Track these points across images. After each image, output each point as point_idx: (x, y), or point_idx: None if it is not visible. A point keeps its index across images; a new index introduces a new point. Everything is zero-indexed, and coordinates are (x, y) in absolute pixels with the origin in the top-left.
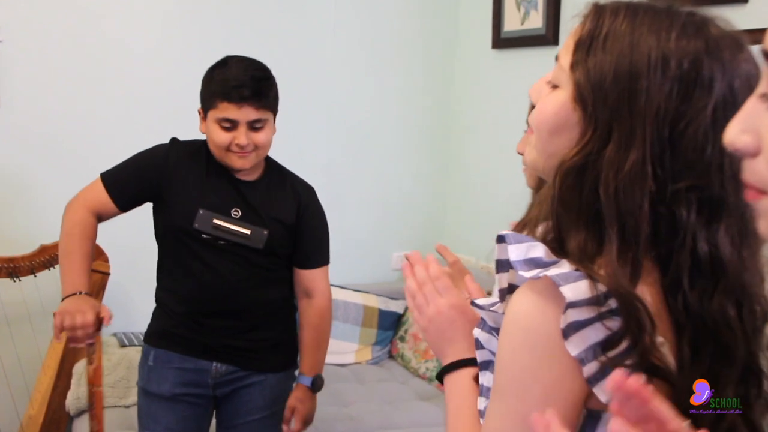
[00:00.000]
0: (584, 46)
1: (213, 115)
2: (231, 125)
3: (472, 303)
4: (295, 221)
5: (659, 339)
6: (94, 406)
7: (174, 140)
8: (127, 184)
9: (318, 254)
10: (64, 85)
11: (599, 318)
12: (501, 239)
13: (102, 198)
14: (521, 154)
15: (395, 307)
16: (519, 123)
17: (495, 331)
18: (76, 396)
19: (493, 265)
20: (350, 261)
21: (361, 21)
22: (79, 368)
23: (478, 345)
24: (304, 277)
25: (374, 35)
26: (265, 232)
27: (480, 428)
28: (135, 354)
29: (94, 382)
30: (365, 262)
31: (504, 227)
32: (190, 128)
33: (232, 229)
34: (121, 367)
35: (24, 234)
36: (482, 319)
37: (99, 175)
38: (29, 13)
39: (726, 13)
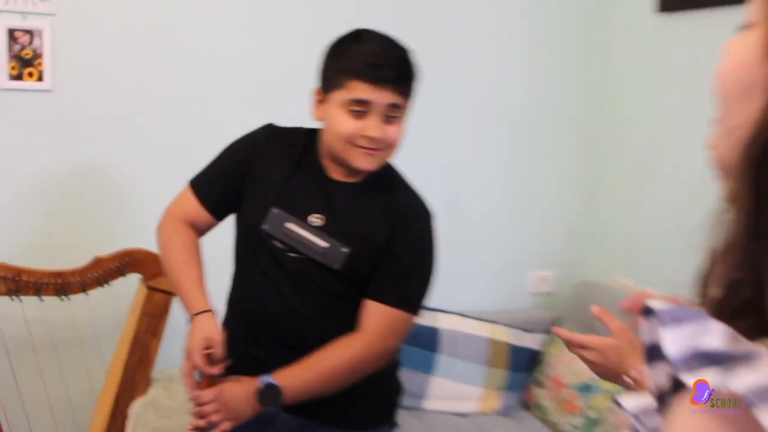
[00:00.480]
0: None
1: (339, 96)
2: (363, 110)
3: (616, 402)
4: (385, 242)
5: None
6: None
7: (269, 126)
8: (215, 184)
9: (393, 289)
10: (129, 66)
11: None
12: (649, 312)
13: (192, 206)
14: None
15: (531, 342)
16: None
17: None
18: None
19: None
20: (474, 283)
21: None
22: (136, 408)
23: None
24: (366, 310)
25: (508, 6)
26: (345, 250)
27: None
28: None
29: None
30: (494, 284)
31: (674, 246)
32: (281, 117)
33: (306, 239)
34: (185, 409)
35: (76, 244)
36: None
37: (188, 182)
38: None
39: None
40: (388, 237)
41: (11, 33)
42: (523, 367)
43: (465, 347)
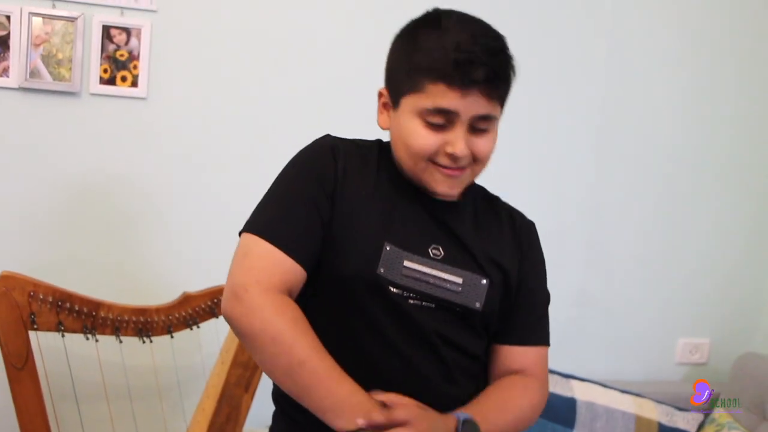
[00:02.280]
0: None
1: (414, 103)
2: (445, 121)
3: None
4: (518, 273)
5: None
6: None
7: (331, 138)
8: (305, 228)
9: (540, 326)
10: (231, 77)
11: None
12: None
13: (285, 266)
14: None
15: (684, 422)
16: None
17: None
18: None
19: None
20: (612, 348)
21: None
22: None
23: None
24: (518, 357)
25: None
26: (484, 282)
27: None
28: None
29: None
30: (637, 350)
31: None
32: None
33: (433, 276)
34: None
35: (161, 278)
36: None
37: (246, 234)
38: None
39: None
40: (518, 264)
41: (106, 31)
42: None
43: (605, 424)
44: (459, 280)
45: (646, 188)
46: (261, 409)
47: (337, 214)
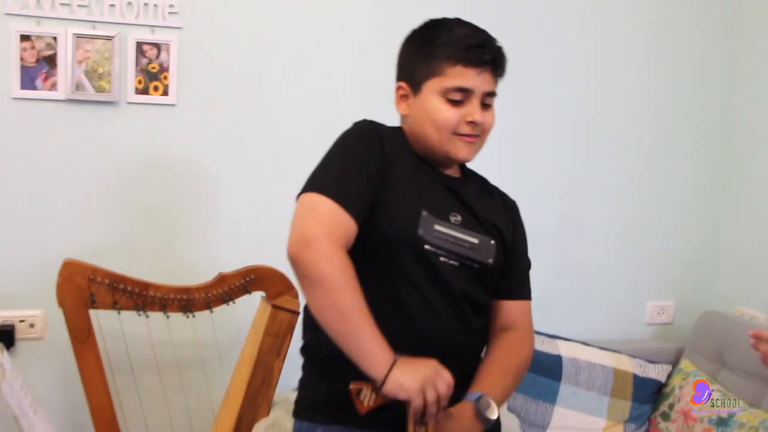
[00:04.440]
0: None
1: (436, 85)
2: (463, 97)
3: None
4: (512, 238)
5: None
6: None
7: (373, 123)
8: (361, 190)
9: (526, 283)
10: (250, 84)
11: None
12: None
13: (346, 225)
14: None
15: (655, 373)
16: None
17: None
18: None
19: None
20: (589, 311)
21: None
22: (261, 429)
23: None
24: (510, 310)
25: (637, 16)
26: (492, 243)
27: None
28: None
29: None
30: (609, 313)
31: None
32: None
33: (457, 237)
34: None
35: (200, 260)
36: None
37: (309, 193)
38: None
39: None
40: (512, 232)
41: (139, 47)
42: (647, 399)
43: (587, 376)
44: (475, 241)
45: (618, 170)
46: (290, 373)
47: (385, 186)
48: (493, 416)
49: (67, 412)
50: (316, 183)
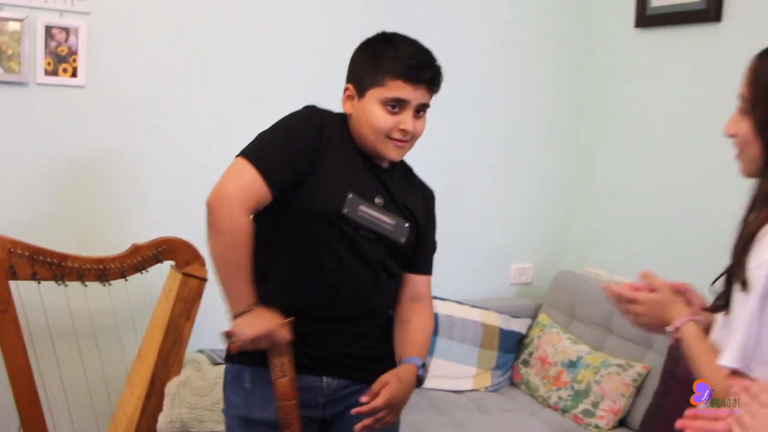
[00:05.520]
0: None
1: (378, 94)
2: (398, 107)
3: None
4: (424, 223)
5: None
6: (291, 422)
7: (315, 108)
8: (286, 168)
9: (430, 262)
10: (156, 66)
11: None
12: None
13: (259, 190)
14: (732, 136)
15: (518, 326)
16: (669, 117)
17: None
18: (169, 419)
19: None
20: (466, 272)
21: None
22: (172, 388)
23: None
24: (417, 282)
25: (498, 14)
26: (407, 225)
27: None
28: None
29: (288, 395)
30: (482, 274)
31: (643, 239)
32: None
33: (377, 217)
34: (217, 388)
35: (114, 232)
36: None
37: (242, 157)
38: None
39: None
40: (425, 217)
41: (48, 30)
42: (511, 348)
43: (460, 330)
44: (393, 222)
45: (488, 148)
46: (199, 334)
47: (317, 168)
48: (426, 377)
49: None
50: (252, 152)
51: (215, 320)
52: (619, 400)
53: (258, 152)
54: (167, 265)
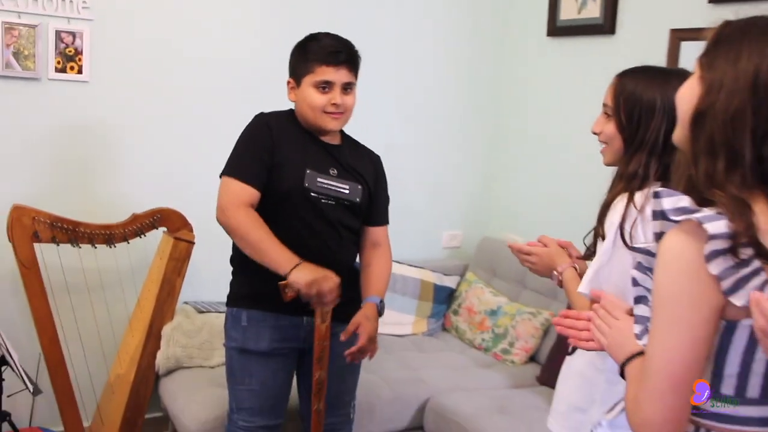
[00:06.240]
0: None
1: (310, 80)
2: (328, 87)
3: (632, 248)
4: (374, 182)
5: (762, 227)
6: (324, 357)
7: (263, 114)
8: (255, 168)
9: (386, 213)
10: (150, 64)
11: (734, 248)
12: (657, 195)
13: (247, 193)
14: (598, 134)
15: (449, 282)
16: (573, 112)
17: (649, 270)
18: (165, 356)
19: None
20: (406, 238)
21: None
22: (167, 331)
23: (634, 282)
24: (375, 232)
25: (434, 21)
26: (360, 187)
27: None
28: (214, 319)
29: (325, 337)
30: (419, 239)
31: (547, 211)
32: (264, 101)
33: (334, 185)
34: (204, 331)
35: (118, 202)
36: (639, 262)
37: (223, 176)
38: None
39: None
40: (374, 178)
41: (58, 34)
42: (443, 300)
43: (402, 285)
44: (347, 186)
45: (420, 132)
46: (188, 288)
47: (277, 158)
48: (384, 312)
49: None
50: (228, 169)
51: (200, 278)
52: (530, 341)
53: (232, 167)
54: (161, 230)
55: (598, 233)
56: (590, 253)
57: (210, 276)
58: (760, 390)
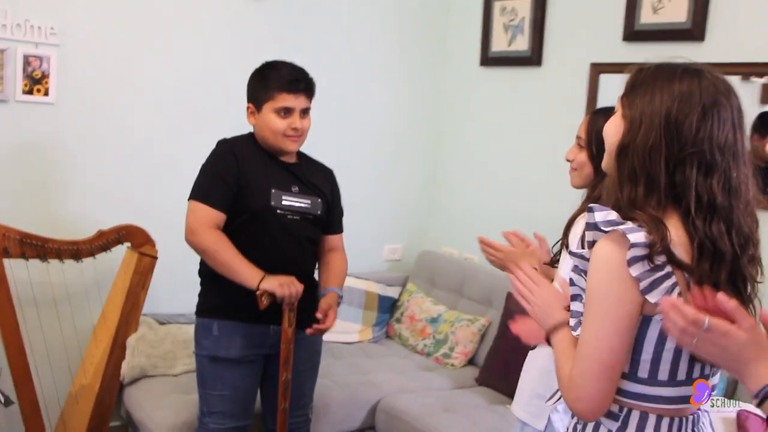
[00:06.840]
0: None
1: (271, 106)
2: (287, 113)
3: (571, 253)
4: (331, 194)
5: (674, 239)
6: (289, 359)
7: (225, 140)
8: (221, 192)
9: (340, 223)
10: (113, 88)
11: (650, 255)
12: (590, 210)
13: (213, 216)
14: (571, 161)
15: (392, 292)
16: (504, 135)
17: (583, 272)
18: (131, 365)
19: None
20: (350, 251)
21: (365, 32)
22: (132, 341)
23: (571, 282)
24: (332, 240)
25: (380, 48)
26: (319, 200)
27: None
28: (176, 330)
29: (291, 340)
30: (363, 252)
31: (479, 228)
32: (222, 124)
33: (297, 201)
34: (167, 341)
35: (83, 220)
36: (575, 265)
37: (191, 200)
38: (85, 21)
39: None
40: (330, 191)
41: (26, 58)
42: (387, 309)
43: (348, 296)
44: (309, 201)
45: (364, 154)
46: (151, 301)
47: (243, 181)
48: (341, 303)
49: None
50: (195, 193)
51: (157, 292)
52: (468, 345)
53: (199, 192)
54: (125, 246)
55: (563, 244)
56: (555, 261)
57: (166, 290)
58: (668, 374)
